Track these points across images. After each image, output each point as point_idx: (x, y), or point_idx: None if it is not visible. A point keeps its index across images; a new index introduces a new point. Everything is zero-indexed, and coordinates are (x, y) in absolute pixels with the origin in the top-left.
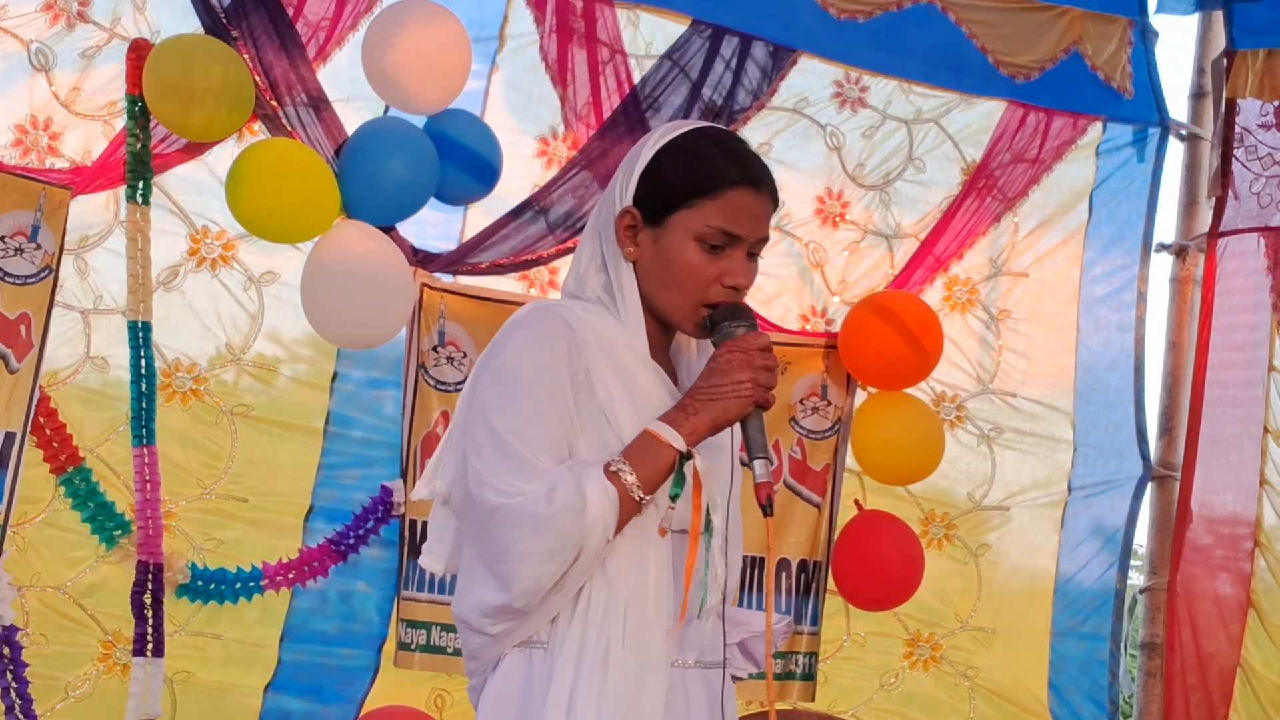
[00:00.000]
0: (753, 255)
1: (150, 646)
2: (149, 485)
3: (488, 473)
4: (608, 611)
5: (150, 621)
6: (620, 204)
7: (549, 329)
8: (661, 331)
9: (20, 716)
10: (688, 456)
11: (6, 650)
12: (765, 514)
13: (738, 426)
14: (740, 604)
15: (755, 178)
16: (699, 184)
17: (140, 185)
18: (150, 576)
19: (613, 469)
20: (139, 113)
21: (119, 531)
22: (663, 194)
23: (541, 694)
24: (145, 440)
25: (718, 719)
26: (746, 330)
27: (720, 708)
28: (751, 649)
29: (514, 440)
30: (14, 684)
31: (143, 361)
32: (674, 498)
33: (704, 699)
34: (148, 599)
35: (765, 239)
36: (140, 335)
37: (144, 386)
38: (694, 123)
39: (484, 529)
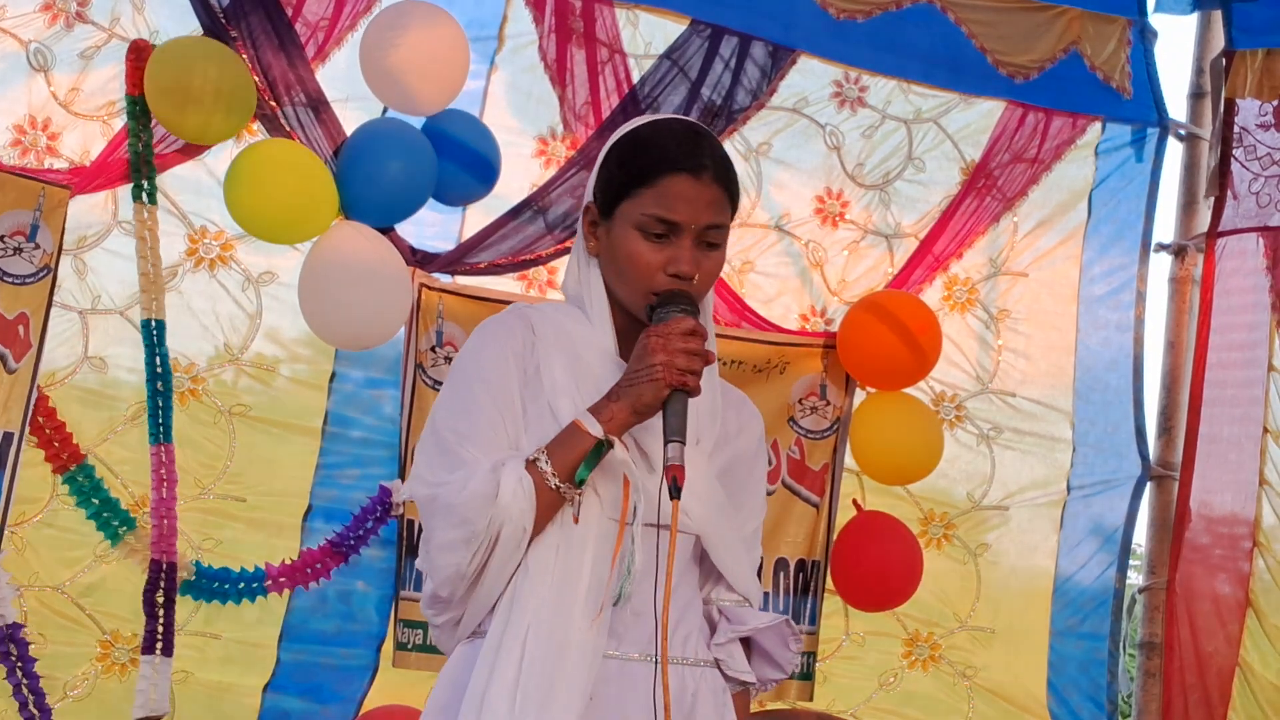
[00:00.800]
0: (710, 245)
1: (160, 645)
2: (165, 483)
3: (422, 467)
4: (528, 599)
5: (161, 620)
6: (586, 200)
7: (504, 328)
8: (634, 327)
9: (34, 711)
10: (608, 444)
11: (13, 649)
12: (672, 496)
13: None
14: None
15: (694, 164)
16: (636, 173)
17: (146, 186)
18: (163, 575)
19: (531, 458)
20: (140, 113)
21: (124, 528)
22: (610, 187)
23: (469, 680)
24: (162, 438)
25: (651, 714)
26: (678, 315)
27: (652, 704)
28: (770, 651)
29: (448, 434)
30: (25, 680)
31: (157, 360)
32: (579, 483)
33: (644, 693)
34: (159, 597)
35: (715, 226)
36: (154, 334)
37: (159, 385)
38: (654, 116)
39: (421, 521)
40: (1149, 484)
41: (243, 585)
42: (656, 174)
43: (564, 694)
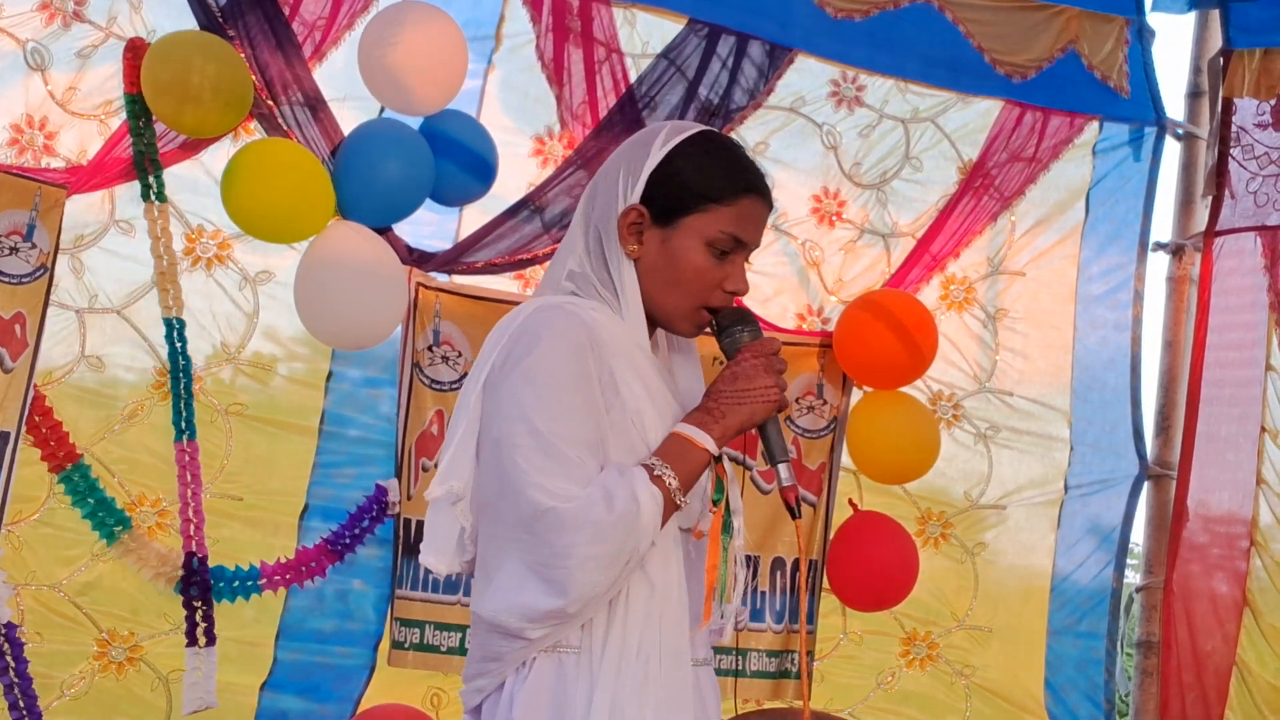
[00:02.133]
0: (747, 260)
1: (202, 638)
2: (191, 479)
3: (535, 474)
4: (648, 614)
5: (200, 613)
6: (624, 201)
7: (574, 330)
8: (650, 328)
9: (24, 713)
10: (718, 459)
11: (7, 648)
12: (794, 516)
13: None
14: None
15: (764, 187)
16: (717, 189)
17: (154, 185)
18: (196, 568)
19: (656, 472)
20: (140, 112)
21: (120, 528)
22: (676, 195)
23: (576, 699)
24: (186, 435)
25: (717, 713)
26: (752, 335)
27: (704, 706)
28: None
29: (557, 441)
30: (17, 681)
31: (179, 357)
32: (717, 503)
33: (710, 695)
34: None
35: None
36: (176, 331)
37: (182, 381)
38: (697, 125)
39: (529, 532)
40: (1146, 483)
41: (236, 584)
42: (738, 194)
43: (683, 704)
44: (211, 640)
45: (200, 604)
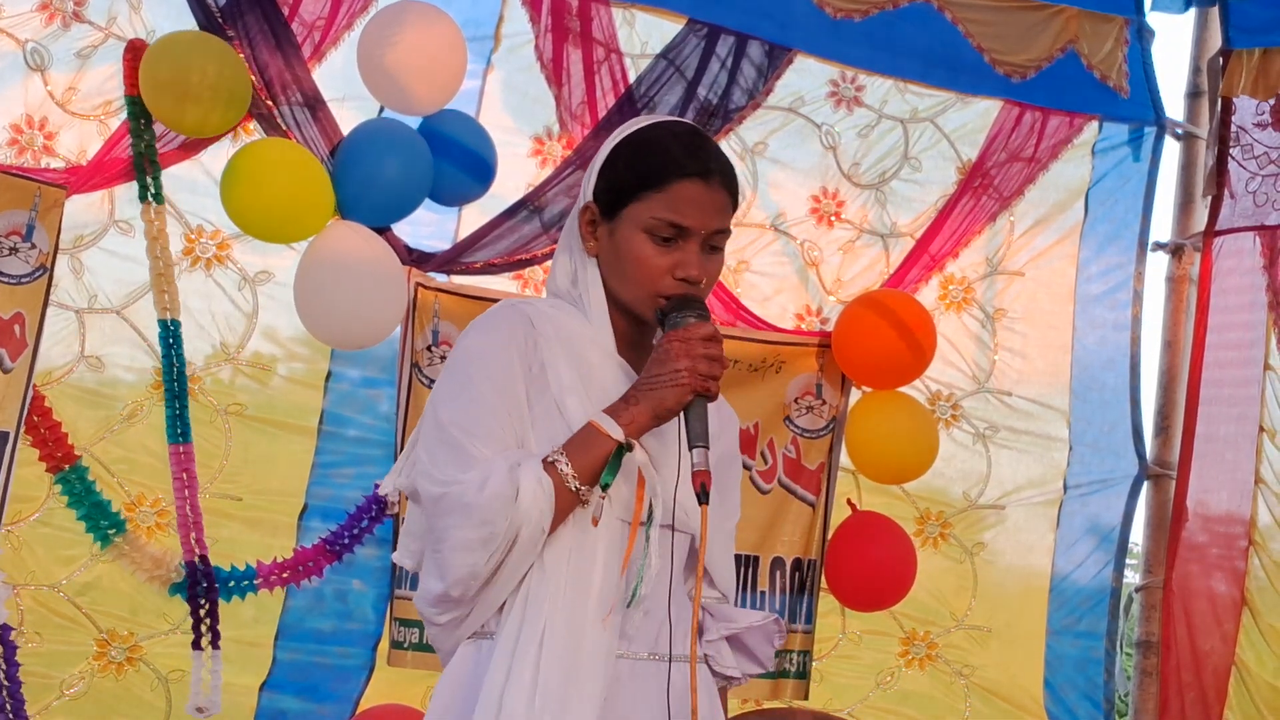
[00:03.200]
0: (713, 248)
1: (208, 640)
2: (187, 481)
3: (429, 463)
4: (543, 599)
5: (205, 616)
6: (582, 200)
7: (505, 323)
8: (634, 328)
9: (11, 717)
10: (628, 447)
11: (1, 649)
12: (700, 502)
13: None
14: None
15: (704, 169)
16: (646, 176)
17: (152, 186)
18: (200, 571)
19: (550, 459)
20: (140, 113)
21: (114, 530)
22: (615, 188)
23: (479, 681)
24: (181, 437)
25: (664, 713)
26: (694, 320)
27: (668, 702)
28: (751, 648)
29: (456, 431)
30: (6, 684)
31: (174, 359)
32: (604, 487)
33: (654, 692)
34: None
35: (721, 231)
36: (171, 332)
37: (176, 383)
38: (656, 117)
39: (428, 519)
40: (1145, 483)
41: (233, 583)
42: (667, 178)
43: (581, 695)
44: (216, 643)
45: (206, 607)
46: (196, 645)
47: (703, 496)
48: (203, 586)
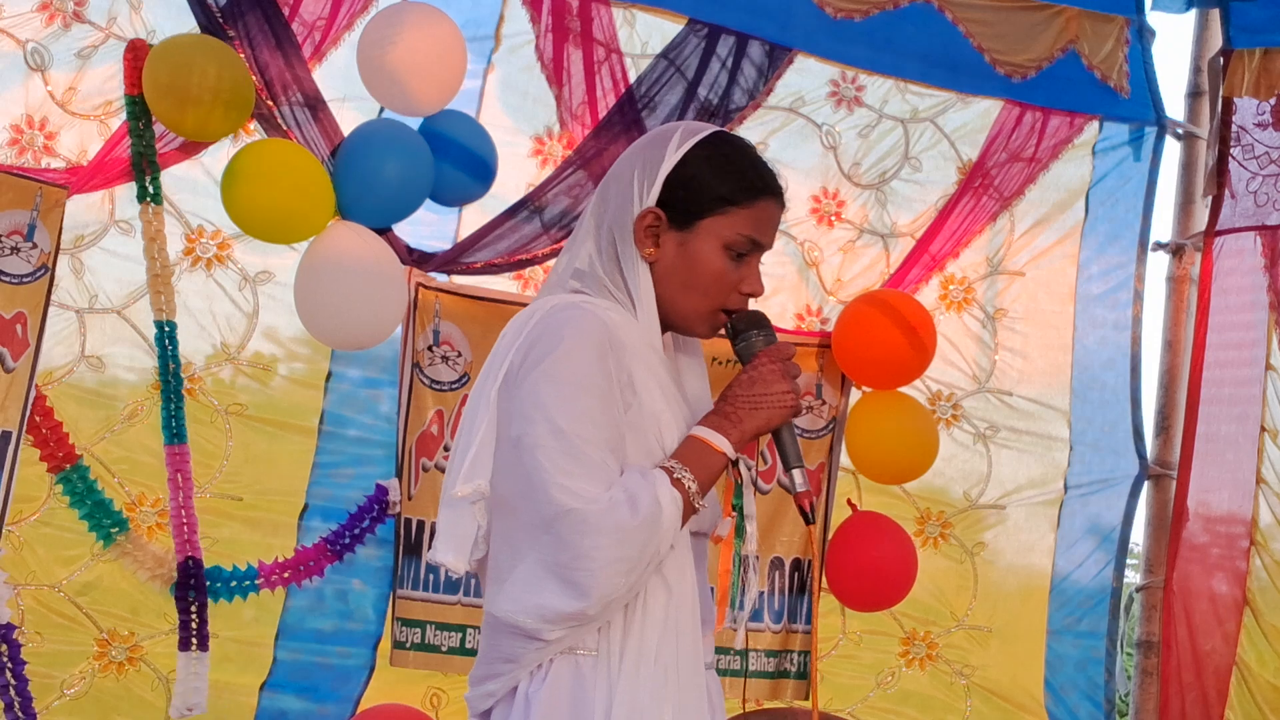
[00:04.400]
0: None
1: (195, 641)
2: (182, 482)
3: (558, 474)
4: (665, 618)
5: (194, 616)
6: (640, 204)
7: (596, 330)
8: (663, 329)
9: (20, 715)
10: (735, 463)
11: (4, 648)
12: (807, 522)
13: None
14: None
15: (779, 188)
16: (735, 192)
17: (150, 186)
18: (191, 571)
19: (675, 475)
20: (140, 113)
21: (116, 529)
22: (694, 198)
23: (595, 702)
24: (176, 439)
25: (722, 715)
26: (767, 339)
27: (709, 712)
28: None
29: (580, 442)
30: (13, 682)
31: (170, 360)
32: (737, 508)
33: (716, 698)
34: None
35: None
36: (166, 334)
37: (172, 385)
38: (711, 126)
39: (550, 532)
40: (1146, 483)
41: (234, 583)
42: (756, 196)
43: (696, 708)
44: (204, 645)
45: (195, 608)
46: (184, 646)
47: (809, 517)
48: (193, 588)
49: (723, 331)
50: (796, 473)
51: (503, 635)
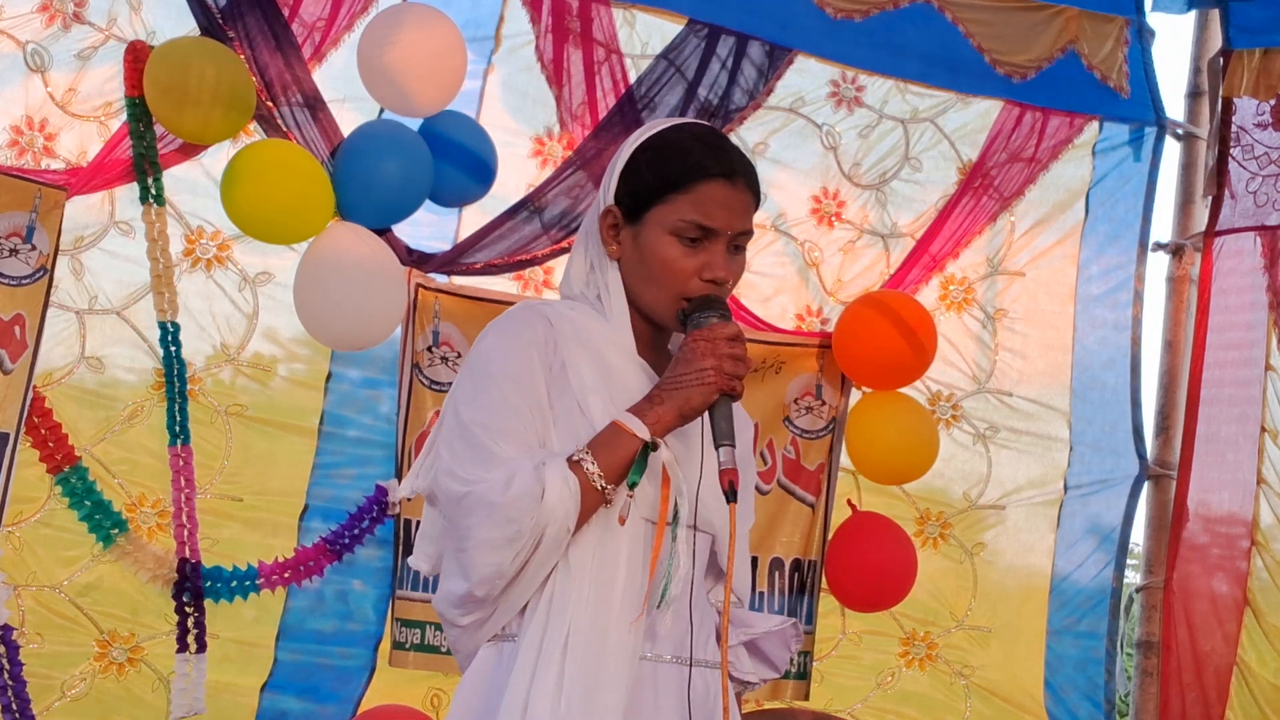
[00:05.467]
0: (737, 248)
1: (193, 643)
2: (185, 483)
3: (452, 462)
4: (568, 600)
5: (192, 618)
6: (603, 204)
7: (524, 323)
8: (653, 330)
9: (17, 716)
10: (653, 446)
11: (3, 650)
12: (728, 500)
13: None
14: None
15: (728, 170)
16: (672, 178)
17: (153, 188)
18: (189, 573)
19: (575, 458)
20: (141, 114)
21: (116, 530)
22: (639, 191)
23: (505, 686)
24: (181, 440)
25: (685, 717)
26: (717, 320)
27: (688, 705)
28: (767, 652)
29: (478, 430)
30: (11, 683)
31: (174, 361)
32: (631, 486)
33: (674, 695)
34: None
35: (745, 232)
36: (170, 335)
37: (176, 385)
38: (674, 120)
39: (449, 518)
40: (1146, 483)
41: (234, 583)
42: (693, 180)
43: (607, 697)
44: (202, 646)
45: (193, 609)
46: (182, 648)
47: (730, 495)
48: (189, 589)
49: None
50: (721, 450)
51: (444, 626)
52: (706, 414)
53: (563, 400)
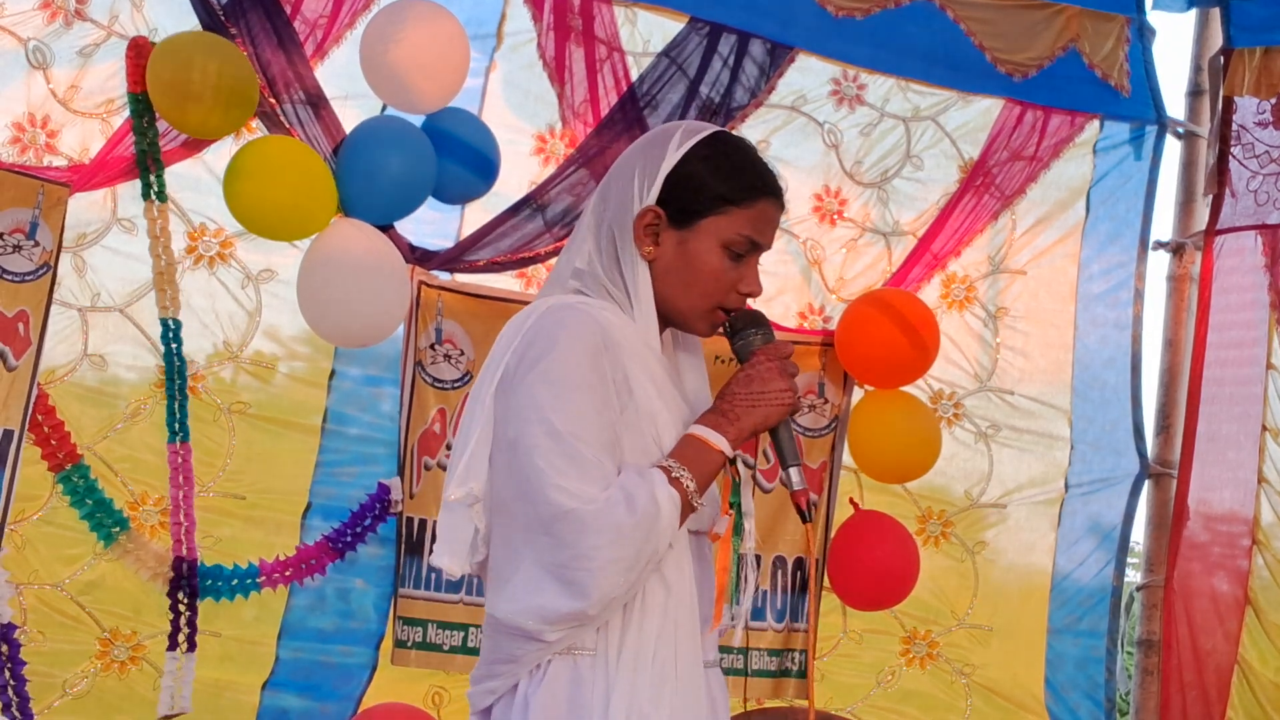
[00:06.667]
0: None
1: (184, 638)
2: (183, 481)
3: (555, 475)
4: (664, 617)
5: (184, 617)
6: (640, 203)
7: (590, 330)
8: (667, 332)
9: (17, 715)
10: (732, 461)
11: (4, 648)
12: (804, 520)
13: None
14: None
15: (778, 189)
16: (735, 192)
17: (155, 184)
18: (185, 572)
19: (674, 474)
20: (143, 110)
21: (117, 529)
22: (694, 198)
23: (593, 701)
24: (180, 437)
25: (726, 714)
26: (765, 337)
27: (713, 709)
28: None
29: (576, 442)
30: (11, 682)
31: (175, 358)
32: (734, 506)
33: (719, 696)
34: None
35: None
36: (171, 332)
37: (176, 383)
38: (711, 126)
39: (549, 533)
40: (1147, 482)
41: (236, 581)
42: (756, 196)
43: (698, 706)
44: (192, 645)
45: (186, 608)
46: (172, 646)
47: (805, 515)
48: (184, 586)
49: (721, 330)
50: (794, 471)
51: (503, 636)
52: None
53: (629, 409)
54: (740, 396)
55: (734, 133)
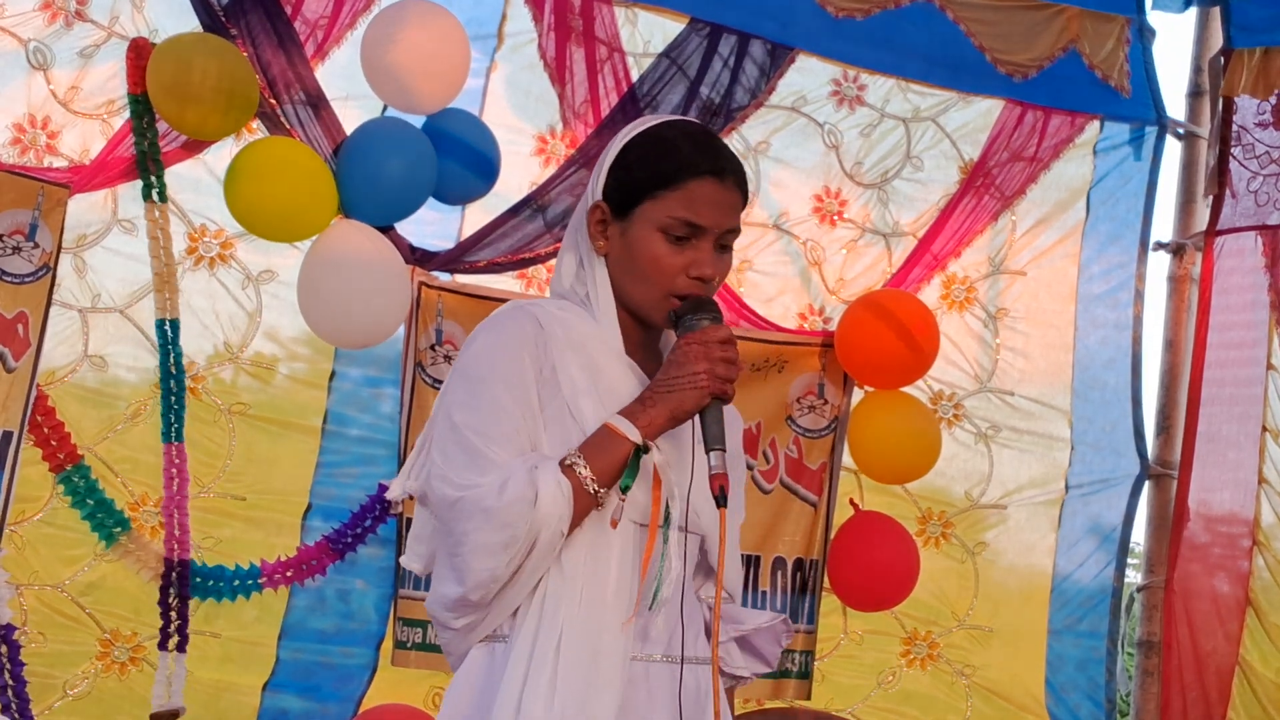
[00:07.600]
0: (724, 247)
1: (174, 642)
2: (177, 482)
3: (446, 467)
4: (560, 602)
5: (175, 617)
6: (591, 199)
7: (514, 326)
8: (642, 328)
9: (17, 716)
10: (645, 449)
11: (4, 649)
12: (719, 505)
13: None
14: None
15: (718, 167)
16: (661, 175)
17: (155, 184)
18: (176, 572)
19: (568, 462)
20: (143, 111)
21: (119, 529)
22: (627, 186)
23: (498, 687)
24: (175, 438)
25: (676, 715)
26: (710, 323)
27: (679, 703)
28: (758, 647)
29: (471, 435)
30: (11, 683)
31: (171, 359)
32: (625, 489)
33: (666, 693)
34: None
35: (734, 230)
36: (168, 333)
37: (173, 384)
38: (664, 116)
39: (443, 522)
40: (1147, 482)
41: (237, 582)
42: (682, 177)
43: (600, 698)
44: (183, 646)
45: (177, 609)
46: (163, 646)
47: (721, 500)
48: (175, 590)
49: (668, 318)
50: (712, 455)
51: (436, 629)
52: (697, 417)
53: (554, 403)
54: (659, 383)
55: (691, 120)
